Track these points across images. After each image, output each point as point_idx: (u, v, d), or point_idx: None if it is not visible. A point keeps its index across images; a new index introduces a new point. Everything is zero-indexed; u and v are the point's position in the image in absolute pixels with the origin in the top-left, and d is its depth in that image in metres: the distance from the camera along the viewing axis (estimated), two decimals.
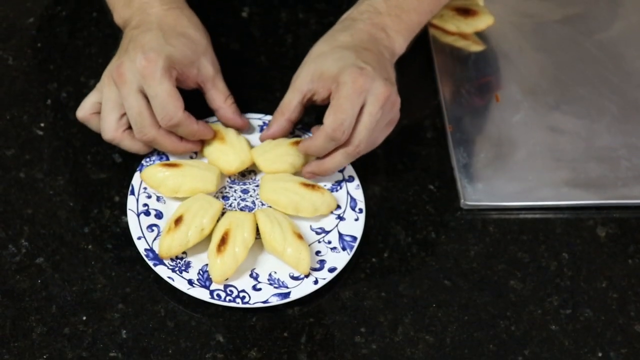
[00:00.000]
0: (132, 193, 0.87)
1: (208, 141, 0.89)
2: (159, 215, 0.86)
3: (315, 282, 0.83)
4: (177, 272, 0.82)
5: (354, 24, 0.89)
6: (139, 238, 0.84)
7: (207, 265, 0.83)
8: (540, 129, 0.97)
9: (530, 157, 0.95)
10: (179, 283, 0.82)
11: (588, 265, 0.88)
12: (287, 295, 0.82)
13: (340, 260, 0.85)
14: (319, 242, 0.86)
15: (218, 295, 0.82)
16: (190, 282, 0.82)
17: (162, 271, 0.82)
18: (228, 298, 0.81)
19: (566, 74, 1.02)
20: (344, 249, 0.85)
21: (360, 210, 0.88)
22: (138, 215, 0.85)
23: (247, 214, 0.85)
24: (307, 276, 0.83)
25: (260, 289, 0.83)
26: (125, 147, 0.86)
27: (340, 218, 0.87)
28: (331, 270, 0.84)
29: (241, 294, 0.82)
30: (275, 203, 0.86)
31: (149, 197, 0.87)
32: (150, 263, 0.83)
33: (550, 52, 1.03)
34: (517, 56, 1.03)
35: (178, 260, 0.83)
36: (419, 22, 0.91)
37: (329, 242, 0.86)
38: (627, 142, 0.96)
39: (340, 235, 0.86)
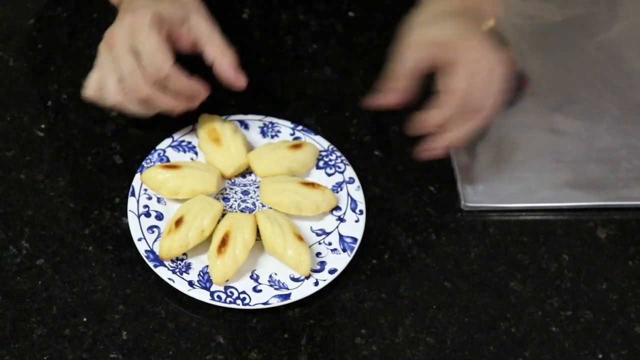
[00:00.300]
0: (133, 194, 0.87)
1: (204, 141, 0.89)
2: (160, 217, 0.86)
3: (316, 283, 0.83)
4: (178, 273, 0.82)
5: None
6: (139, 239, 0.84)
7: (207, 266, 0.83)
8: (540, 130, 0.97)
9: (530, 158, 0.95)
10: (180, 284, 0.82)
11: (588, 267, 0.88)
12: (287, 296, 0.82)
13: (340, 261, 0.85)
14: (320, 243, 0.86)
15: (218, 296, 0.82)
16: (190, 283, 0.82)
17: (163, 272, 0.82)
18: (228, 299, 0.82)
19: (566, 75, 1.02)
20: (344, 250, 0.85)
21: (361, 212, 0.88)
22: (138, 216, 0.86)
23: (247, 215, 0.85)
24: (307, 278, 0.83)
25: (260, 291, 0.83)
26: (131, 111, 0.85)
27: (341, 219, 0.87)
28: (332, 271, 0.84)
29: (241, 296, 0.82)
30: (278, 204, 0.86)
31: (150, 198, 0.87)
32: (151, 264, 0.83)
33: (550, 53, 1.03)
34: (517, 58, 1.02)
35: (178, 262, 0.83)
36: None
37: (330, 244, 0.86)
38: (628, 143, 0.96)
39: (341, 236, 0.86)
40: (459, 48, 0.83)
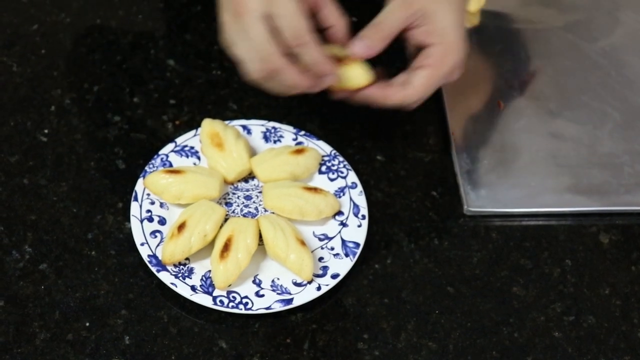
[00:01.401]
0: (136, 199, 0.87)
1: (207, 146, 0.89)
2: (162, 222, 0.86)
3: (318, 288, 0.83)
4: (180, 278, 0.83)
5: None
6: (142, 244, 0.84)
7: (210, 271, 0.83)
8: (542, 135, 0.97)
9: (533, 163, 0.95)
10: (182, 289, 0.82)
11: (591, 272, 0.88)
12: (290, 301, 0.82)
13: (343, 266, 0.85)
14: (322, 248, 0.86)
15: (221, 301, 0.82)
16: (193, 288, 0.82)
17: (165, 277, 0.82)
18: (231, 304, 0.82)
19: (568, 80, 1.02)
20: (346, 255, 0.85)
21: (363, 217, 0.88)
22: (141, 221, 0.86)
23: (250, 220, 0.85)
24: (309, 282, 0.83)
25: (263, 295, 0.83)
26: (287, 80, 0.81)
27: (343, 224, 0.88)
28: (334, 276, 0.84)
29: (244, 300, 0.82)
30: (281, 209, 0.86)
31: (152, 203, 0.87)
32: (154, 269, 0.83)
33: (552, 58, 1.03)
34: (520, 63, 1.03)
35: (181, 267, 0.83)
36: None
37: (332, 249, 0.86)
38: (630, 148, 0.96)
39: (343, 241, 0.86)
40: (446, 41, 0.83)
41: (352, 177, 0.91)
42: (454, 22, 0.84)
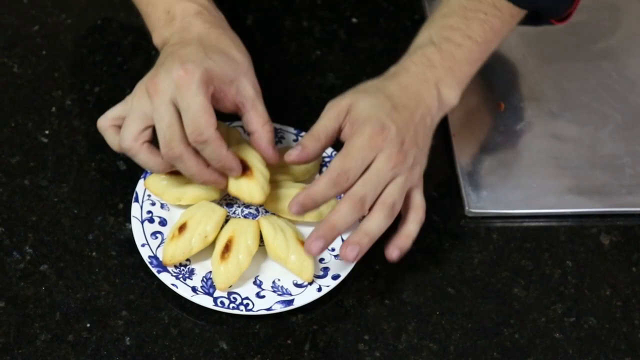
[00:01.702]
0: (136, 200, 0.87)
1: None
2: (163, 223, 0.86)
3: (319, 289, 0.83)
4: (181, 279, 0.83)
5: (407, 75, 0.85)
6: (142, 245, 0.84)
7: (210, 272, 0.83)
8: (543, 136, 0.97)
9: (534, 164, 0.95)
10: (183, 290, 0.82)
11: (592, 273, 0.88)
12: (290, 302, 0.82)
13: (343, 267, 0.84)
14: None
15: (222, 302, 0.82)
16: (194, 289, 0.82)
17: (166, 278, 0.82)
18: (232, 305, 0.82)
19: (570, 81, 1.02)
20: None
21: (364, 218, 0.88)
22: (142, 222, 0.86)
23: (250, 221, 0.85)
24: (310, 283, 0.83)
25: (263, 297, 0.83)
26: (141, 160, 0.81)
27: None
28: (335, 277, 0.84)
29: (245, 301, 0.82)
30: (281, 210, 0.86)
31: (153, 204, 0.87)
32: (154, 270, 0.83)
33: (553, 60, 1.03)
34: (520, 64, 1.03)
35: (182, 268, 0.83)
36: (470, 74, 0.88)
37: (333, 250, 0.86)
38: (631, 149, 0.96)
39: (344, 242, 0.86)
40: (357, 130, 0.80)
41: None
42: (372, 105, 0.82)
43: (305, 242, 0.80)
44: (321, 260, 0.85)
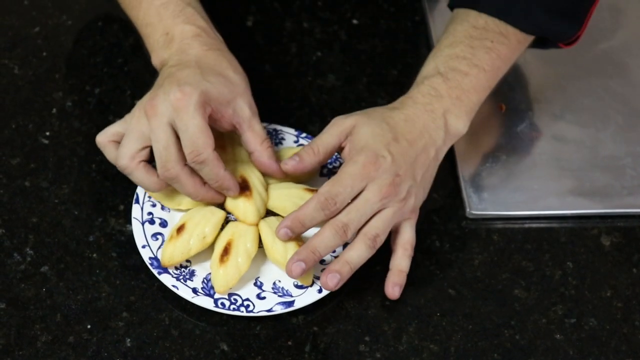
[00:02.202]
0: (137, 202, 0.87)
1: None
2: (164, 224, 0.86)
3: (320, 290, 0.83)
4: (182, 280, 0.82)
5: (414, 106, 0.85)
6: (143, 246, 0.84)
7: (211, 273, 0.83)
8: (545, 138, 0.97)
9: (535, 166, 0.95)
10: (183, 291, 0.82)
11: (593, 274, 0.88)
12: (291, 304, 0.82)
13: None
14: None
15: (222, 303, 0.82)
16: (194, 290, 0.82)
17: (167, 280, 0.82)
18: (232, 307, 0.81)
19: (570, 83, 1.02)
20: None
21: None
22: (142, 223, 0.86)
23: (249, 225, 0.85)
24: (311, 285, 0.83)
25: (264, 298, 0.83)
26: (137, 178, 0.82)
27: None
28: None
29: (245, 303, 0.82)
30: (282, 210, 0.86)
31: (154, 205, 0.87)
32: (155, 271, 0.83)
33: (554, 61, 1.03)
34: (522, 66, 1.03)
35: (182, 269, 0.83)
36: (478, 101, 0.88)
37: (333, 251, 0.86)
38: (632, 151, 0.96)
39: (345, 244, 0.86)
40: (352, 157, 0.81)
41: None
42: (373, 134, 0.82)
43: (287, 263, 0.81)
44: (322, 261, 0.85)
